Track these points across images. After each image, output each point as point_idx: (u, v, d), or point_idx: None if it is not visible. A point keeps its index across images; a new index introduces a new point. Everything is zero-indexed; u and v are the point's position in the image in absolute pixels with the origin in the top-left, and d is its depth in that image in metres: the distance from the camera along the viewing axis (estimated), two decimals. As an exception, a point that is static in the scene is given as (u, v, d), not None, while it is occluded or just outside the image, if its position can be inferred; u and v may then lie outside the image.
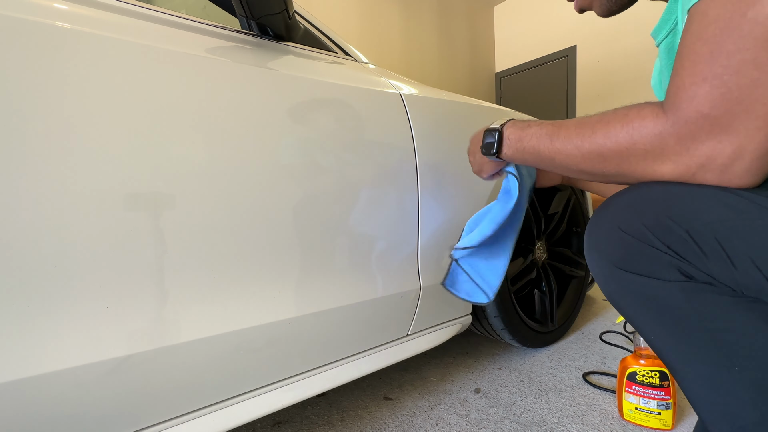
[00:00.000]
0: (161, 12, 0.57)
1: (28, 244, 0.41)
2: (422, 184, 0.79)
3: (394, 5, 3.88)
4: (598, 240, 0.46)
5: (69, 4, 0.47)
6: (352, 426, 0.84)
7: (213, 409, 0.56)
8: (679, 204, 0.39)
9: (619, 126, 0.41)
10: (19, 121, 0.40)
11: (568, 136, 0.47)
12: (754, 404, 0.37)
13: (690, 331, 0.40)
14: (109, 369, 0.46)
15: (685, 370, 0.42)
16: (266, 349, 0.60)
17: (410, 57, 4.07)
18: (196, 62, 0.54)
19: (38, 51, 0.42)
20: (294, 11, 0.71)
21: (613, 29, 4.03)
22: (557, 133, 0.48)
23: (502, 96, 5.21)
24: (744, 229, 0.36)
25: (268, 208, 0.59)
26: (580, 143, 0.45)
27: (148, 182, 0.48)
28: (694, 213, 0.38)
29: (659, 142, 0.39)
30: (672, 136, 0.38)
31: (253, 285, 0.58)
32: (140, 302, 0.48)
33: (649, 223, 0.41)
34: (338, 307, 0.67)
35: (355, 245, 0.70)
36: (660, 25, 0.50)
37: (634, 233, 0.42)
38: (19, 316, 0.41)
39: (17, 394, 0.41)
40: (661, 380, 0.75)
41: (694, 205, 0.38)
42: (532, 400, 0.90)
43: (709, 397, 0.40)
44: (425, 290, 0.81)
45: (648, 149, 0.40)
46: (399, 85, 0.83)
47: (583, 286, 1.34)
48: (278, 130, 0.60)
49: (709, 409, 0.40)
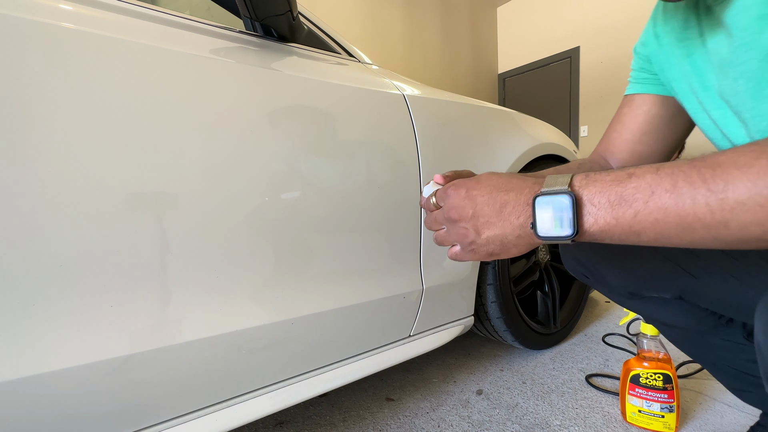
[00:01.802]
0: (165, 13, 0.57)
1: (35, 243, 0.41)
2: (425, 184, 0.79)
3: (398, 6, 3.89)
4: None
5: (73, 5, 0.48)
6: (354, 426, 0.83)
7: (215, 409, 0.57)
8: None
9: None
10: (23, 121, 0.41)
11: (748, 178, 0.27)
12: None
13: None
14: (112, 368, 0.46)
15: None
16: (268, 349, 0.60)
17: (413, 58, 4.07)
18: (201, 63, 0.54)
19: (42, 51, 0.42)
20: (298, 12, 0.72)
21: (617, 30, 4.02)
22: (716, 178, 0.28)
23: (505, 97, 5.21)
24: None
25: (271, 208, 0.59)
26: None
27: (152, 182, 0.48)
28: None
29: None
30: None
31: (256, 285, 0.58)
32: (144, 302, 0.48)
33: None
34: (340, 308, 0.67)
35: (357, 246, 0.70)
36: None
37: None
38: (24, 314, 0.41)
39: (20, 392, 0.41)
40: (664, 383, 0.75)
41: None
42: (534, 402, 0.90)
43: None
44: (427, 291, 0.81)
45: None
46: (402, 86, 0.83)
47: (586, 288, 1.33)
48: (282, 130, 0.60)
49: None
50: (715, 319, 0.59)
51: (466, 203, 0.40)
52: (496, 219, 0.38)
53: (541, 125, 1.23)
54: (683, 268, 0.55)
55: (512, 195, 0.38)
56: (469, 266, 0.90)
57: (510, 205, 0.38)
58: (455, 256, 0.43)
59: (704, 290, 0.54)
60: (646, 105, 0.59)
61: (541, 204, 0.35)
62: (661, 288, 0.58)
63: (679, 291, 0.56)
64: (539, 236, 0.36)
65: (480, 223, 0.39)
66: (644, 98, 0.59)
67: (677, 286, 0.56)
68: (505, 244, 0.39)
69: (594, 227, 0.34)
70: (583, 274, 0.64)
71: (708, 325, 0.59)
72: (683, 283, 0.55)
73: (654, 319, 0.65)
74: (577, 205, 0.34)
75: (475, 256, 0.41)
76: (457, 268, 0.88)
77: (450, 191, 0.42)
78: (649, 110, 0.59)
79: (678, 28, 0.50)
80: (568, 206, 0.34)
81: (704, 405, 0.85)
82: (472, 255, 0.41)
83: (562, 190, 0.35)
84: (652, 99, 0.59)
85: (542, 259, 1.19)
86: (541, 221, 0.35)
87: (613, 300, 0.66)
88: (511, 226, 0.38)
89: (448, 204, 0.41)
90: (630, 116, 0.61)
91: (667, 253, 0.55)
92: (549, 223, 0.35)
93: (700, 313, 0.59)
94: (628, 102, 0.62)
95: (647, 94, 0.59)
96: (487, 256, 0.41)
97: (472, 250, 0.41)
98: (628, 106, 0.62)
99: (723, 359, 0.61)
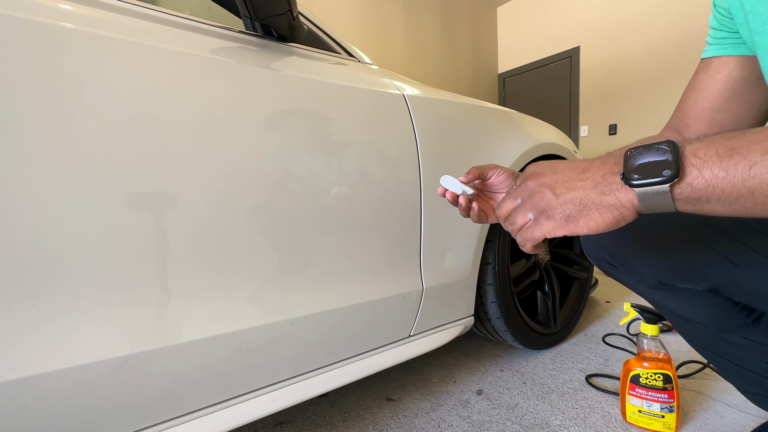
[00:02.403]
0: (165, 13, 0.57)
1: (35, 244, 0.41)
2: (425, 184, 0.79)
3: (398, 6, 3.89)
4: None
5: (73, 5, 0.48)
6: (354, 427, 0.83)
7: (215, 409, 0.57)
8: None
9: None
10: (23, 121, 0.41)
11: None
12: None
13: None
14: (112, 368, 0.46)
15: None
16: (268, 349, 0.60)
17: (413, 58, 4.07)
18: (200, 63, 0.54)
19: (43, 51, 0.42)
20: (298, 12, 0.72)
21: (617, 30, 4.02)
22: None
23: (505, 97, 5.21)
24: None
25: (272, 208, 0.59)
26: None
27: (152, 182, 0.48)
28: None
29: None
30: None
31: (256, 285, 0.58)
32: (144, 301, 0.48)
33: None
34: (340, 308, 0.67)
35: (357, 246, 0.70)
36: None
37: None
38: (25, 314, 0.41)
39: (20, 392, 0.41)
40: (664, 383, 0.75)
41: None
42: (534, 402, 0.90)
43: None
44: (427, 291, 0.81)
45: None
46: (402, 86, 0.83)
47: (586, 288, 1.33)
48: (281, 130, 0.60)
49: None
50: (743, 317, 0.56)
51: (545, 170, 0.38)
52: (577, 179, 0.35)
53: (542, 125, 1.23)
54: (724, 255, 0.49)
55: (598, 160, 0.36)
56: (470, 266, 0.90)
57: (595, 166, 0.35)
58: (527, 233, 0.38)
59: (744, 281, 0.50)
60: (726, 68, 0.52)
61: (634, 154, 0.32)
62: (696, 277, 0.53)
63: (716, 281, 0.52)
64: (630, 183, 0.32)
65: (559, 184, 0.36)
66: (723, 61, 0.53)
67: (714, 275, 0.51)
68: (586, 204, 0.34)
69: (698, 179, 0.30)
70: (608, 261, 0.59)
71: (734, 323, 0.56)
72: (723, 272, 0.50)
73: (676, 314, 0.62)
74: (678, 155, 0.30)
75: (549, 224, 0.36)
76: (457, 268, 0.88)
77: (530, 167, 0.40)
78: (729, 74, 0.52)
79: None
80: (668, 151, 0.31)
81: (704, 405, 0.85)
82: (547, 223, 0.36)
83: (660, 142, 0.32)
84: (734, 61, 0.52)
85: (542, 259, 1.19)
86: (634, 169, 0.31)
87: (636, 290, 0.62)
88: (594, 181, 0.34)
89: (526, 174, 0.39)
90: (707, 82, 0.54)
91: (707, 239, 0.50)
92: (643, 170, 0.31)
93: (730, 309, 0.55)
94: (704, 67, 0.55)
95: (727, 56, 0.52)
96: (564, 221, 0.35)
97: (548, 216, 0.36)
98: (704, 72, 0.55)
99: (740, 360, 0.59)
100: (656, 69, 3.73)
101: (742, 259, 0.49)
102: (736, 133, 0.30)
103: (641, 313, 0.81)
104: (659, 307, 0.64)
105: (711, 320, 0.57)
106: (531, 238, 0.38)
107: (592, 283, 1.38)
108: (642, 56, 3.84)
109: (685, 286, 0.55)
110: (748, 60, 0.51)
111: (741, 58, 0.51)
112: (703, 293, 0.55)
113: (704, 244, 0.50)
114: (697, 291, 0.55)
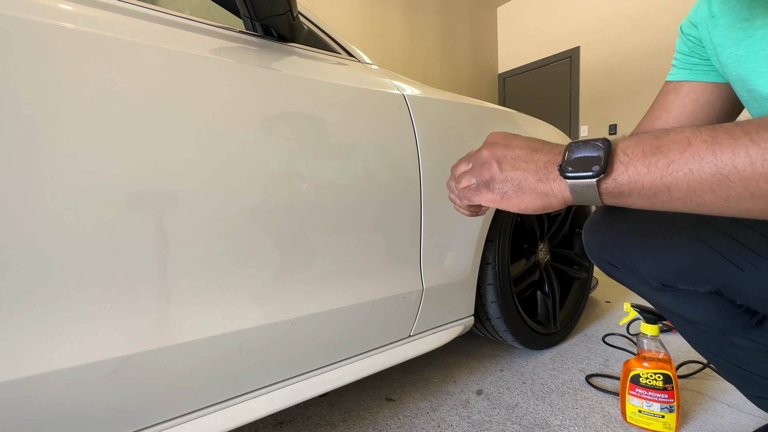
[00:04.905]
0: (165, 13, 0.57)
1: (34, 243, 0.41)
2: (425, 184, 0.79)
3: (398, 6, 3.89)
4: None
5: (73, 5, 0.48)
6: (354, 427, 0.83)
7: (215, 409, 0.57)
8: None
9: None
10: (23, 121, 0.41)
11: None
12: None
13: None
14: (112, 368, 0.46)
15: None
16: (268, 349, 0.60)
17: (413, 58, 4.07)
18: (200, 63, 0.54)
19: (43, 52, 0.42)
20: (298, 12, 0.72)
21: (617, 30, 4.03)
22: (760, 130, 0.28)
23: (505, 97, 5.21)
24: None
25: (271, 208, 0.59)
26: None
27: (152, 182, 0.48)
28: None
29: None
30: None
31: (256, 285, 0.58)
32: (144, 302, 0.48)
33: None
34: (340, 308, 0.67)
35: (357, 246, 0.70)
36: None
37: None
38: (24, 314, 0.41)
39: (20, 392, 0.41)
40: (664, 383, 0.75)
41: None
42: (534, 402, 0.90)
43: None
44: (428, 291, 0.81)
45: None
46: (402, 86, 0.83)
47: (586, 288, 1.33)
48: (281, 130, 0.60)
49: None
50: (746, 319, 0.55)
51: (501, 141, 0.41)
52: (523, 160, 0.39)
53: (541, 125, 1.23)
54: (728, 258, 0.49)
55: (548, 146, 0.39)
56: (470, 266, 0.90)
57: (543, 152, 0.39)
58: (467, 194, 0.43)
59: (748, 284, 0.50)
60: (695, 93, 0.55)
61: (573, 148, 0.36)
62: (700, 279, 0.52)
63: (719, 284, 0.51)
64: (565, 175, 0.35)
65: (507, 160, 0.39)
66: (694, 86, 0.55)
67: (718, 277, 0.51)
68: (522, 187, 0.38)
69: (623, 175, 0.33)
70: (609, 262, 0.59)
71: (737, 325, 0.56)
72: (726, 274, 0.50)
73: (678, 315, 0.61)
74: (609, 152, 0.34)
75: (487, 195, 0.40)
76: (457, 268, 0.88)
77: (491, 135, 0.43)
78: (698, 98, 0.55)
79: (739, 7, 0.46)
80: (601, 148, 0.34)
81: (704, 405, 0.85)
82: (486, 194, 0.41)
83: (597, 139, 0.36)
84: (704, 87, 0.54)
85: (542, 259, 1.19)
86: (570, 162, 0.35)
87: (638, 292, 0.62)
88: (536, 166, 0.38)
89: (486, 140, 0.43)
90: (678, 104, 0.56)
91: (710, 241, 0.50)
92: (577, 164, 0.35)
93: (734, 311, 0.55)
94: (674, 89, 0.57)
95: (699, 82, 0.54)
96: (499, 196, 0.40)
97: (488, 188, 0.40)
98: (674, 93, 0.57)
99: (744, 362, 0.58)
100: (656, 69, 3.73)
101: (746, 262, 0.49)
102: (662, 132, 0.33)
103: (641, 313, 0.81)
104: (661, 309, 0.64)
105: (714, 322, 0.57)
106: (468, 200, 0.43)
107: (592, 284, 1.38)
108: (642, 56, 3.84)
109: (687, 287, 0.55)
110: (716, 87, 0.54)
111: (711, 84, 0.54)
112: (706, 295, 0.55)
113: (707, 246, 0.51)
114: (700, 292, 0.55)
